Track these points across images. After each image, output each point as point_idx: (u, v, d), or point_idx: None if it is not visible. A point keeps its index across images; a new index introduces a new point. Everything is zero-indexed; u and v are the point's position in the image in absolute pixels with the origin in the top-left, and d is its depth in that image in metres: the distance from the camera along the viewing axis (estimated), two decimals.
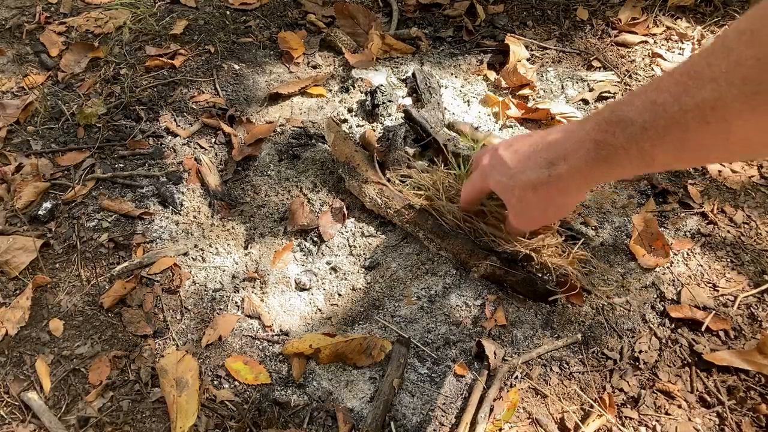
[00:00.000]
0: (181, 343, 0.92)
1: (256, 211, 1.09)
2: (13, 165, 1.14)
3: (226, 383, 0.87)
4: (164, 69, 1.34)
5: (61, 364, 0.89)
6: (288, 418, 0.83)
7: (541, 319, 0.93)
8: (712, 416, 0.81)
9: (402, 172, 1.03)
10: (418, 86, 1.23)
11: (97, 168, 1.15)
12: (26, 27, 1.45)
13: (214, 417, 0.83)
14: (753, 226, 1.02)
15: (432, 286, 0.97)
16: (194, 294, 0.97)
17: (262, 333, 0.93)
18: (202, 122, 1.24)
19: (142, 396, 0.86)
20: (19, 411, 0.84)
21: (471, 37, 1.42)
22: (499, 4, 1.49)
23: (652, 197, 1.07)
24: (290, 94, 1.29)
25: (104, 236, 1.03)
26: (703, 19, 1.41)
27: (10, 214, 1.07)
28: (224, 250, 1.03)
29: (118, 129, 1.22)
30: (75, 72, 1.35)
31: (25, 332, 0.93)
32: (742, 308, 0.92)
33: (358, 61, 1.34)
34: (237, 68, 1.35)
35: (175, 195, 1.10)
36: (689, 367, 0.86)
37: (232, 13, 1.49)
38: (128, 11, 1.48)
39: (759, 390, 0.82)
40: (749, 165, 1.11)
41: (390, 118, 1.21)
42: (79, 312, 0.95)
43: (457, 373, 0.87)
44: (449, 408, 0.84)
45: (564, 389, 0.85)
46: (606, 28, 1.41)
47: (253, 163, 1.17)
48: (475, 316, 0.93)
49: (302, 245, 1.04)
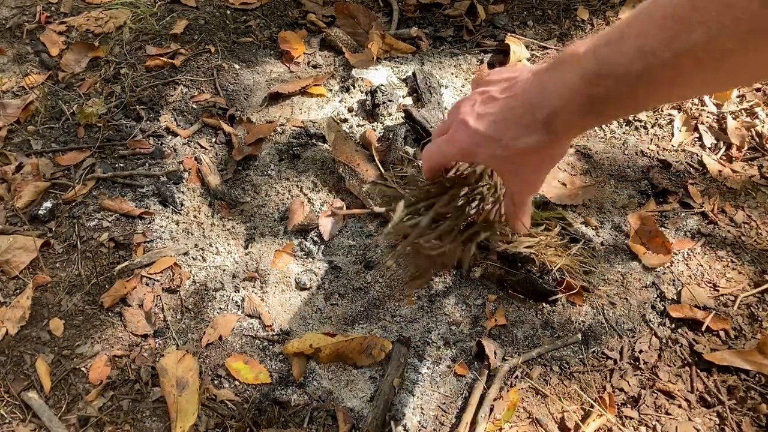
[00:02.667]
0: (181, 343, 0.92)
1: (257, 211, 1.09)
2: (13, 164, 1.14)
3: (226, 383, 0.87)
4: (164, 68, 1.34)
5: (62, 363, 0.89)
6: (288, 417, 0.83)
7: (541, 319, 0.93)
8: (713, 416, 0.81)
9: (402, 171, 1.03)
10: (418, 86, 1.23)
11: (97, 167, 1.15)
12: (27, 26, 1.45)
13: (214, 416, 0.83)
14: (753, 226, 1.02)
15: (432, 286, 0.97)
16: (194, 293, 0.98)
17: (263, 332, 0.93)
18: (203, 122, 1.24)
19: (143, 395, 0.86)
20: (19, 410, 0.84)
21: (471, 37, 1.42)
22: (500, 4, 1.49)
23: (652, 197, 1.07)
24: (290, 93, 1.29)
25: (104, 236, 1.03)
26: None
27: (11, 213, 1.07)
28: (224, 250, 1.03)
29: (118, 128, 1.22)
30: (75, 71, 1.35)
31: (25, 331, 0.93)
32: (742, 308, 0.92)
33: (359, 60, 1.34)
34: (237, 68, 1.35)
35: (176, 194, 1.10)
36: (689, 367, 0.86)
37: (233, 13, 1.49)
38: (128, 11, 1.48)
39: (759, 390, 0.82)
40: (749, 165, 1.11)
41: (390, 118, 1.21)
42: (80, 311, 0.95)
43: (458, 373, 0.87)
44: (449, 408, 0.84)
45: (564, 389, 0.85)
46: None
47: (254, 163, 1.17)
48: (475, 315, 0.93)
49: (302, 245, 1.04)
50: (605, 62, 0.50)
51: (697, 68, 0.44)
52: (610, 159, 1.14)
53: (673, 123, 1.19)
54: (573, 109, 0.54)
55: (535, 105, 0.57)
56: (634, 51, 0.47)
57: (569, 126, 0.56)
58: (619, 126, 1.21)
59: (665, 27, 0.44)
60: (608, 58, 0.50)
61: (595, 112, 0.53)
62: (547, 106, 0.55)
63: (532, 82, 0.57)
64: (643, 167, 1.12)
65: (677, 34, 0.43)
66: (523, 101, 0.58)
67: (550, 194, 1.06)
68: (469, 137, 0.66)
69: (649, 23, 0.46)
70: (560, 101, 0.54)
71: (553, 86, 0.55)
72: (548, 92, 0.55)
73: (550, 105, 0.55)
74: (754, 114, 1.18)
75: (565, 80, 0.53)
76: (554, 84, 0.55)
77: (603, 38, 0.50)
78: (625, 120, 1.21)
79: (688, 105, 1.21)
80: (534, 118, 0.57)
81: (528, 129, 0.58)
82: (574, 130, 0.57)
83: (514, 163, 0.63)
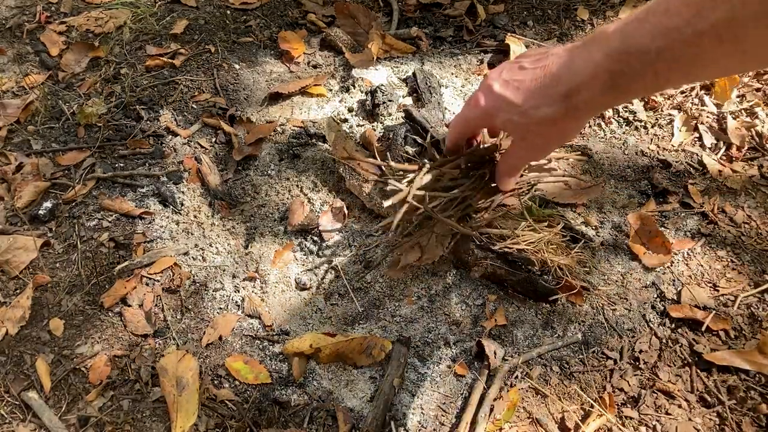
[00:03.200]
0: (181, 343, 0.92)
1: (257, 211, 1.09)
2: (13, 164, 1.14)
3: (226, 383, 0.87)
4: (165, 68, 1.34)
5: (62, 363, 0.89)
6: (288, 417, 0.83)
7: (542, 318, 0.93)
8: (713, 416, 0.81)
9: (402, 169, 1.03)
10: (418, 86, 1.23)
11: (97, 167, 1.15)
12: (27, 26, 1.45)
13: (214, 416, 0.83)
14: (753, 226, 1.02)
15: (432, 286, 0.97)
16: (194, 293, 0.98)
17: (263, 332, 0.93)
18: (203, 122, 1.24)
19: (143, 395, 0.86)
20: (19, 410, 0.84)
21: (471, 37, 1.42)
22: (500, 4, 1.49)
23: (653, 197, 1.07)
24: (290, 93, 1.29)
25: (104, 236, 1.03)
26: None
27: (11, 213, 1.07)
28: (224, 250, 1.03)
29: (118, 128, 1.22)
30: (75, 71, 1.35)
31: (25, 331, 0.93)
32: (742, 308, 0.92)
33: (359, 60, 1.34)
34: (237, 68, 1.35)
35: (176, 194, 1.10)
36: (689, 367, 0.86)
37: (233, 13, 1.49)
38: (129, 11, 1.48)
39: (759, 390, 0.82)
40: (749, 165, 1.11)
41: (390, 118, 1.21)
42: (80, 311, 0.95)
43: (458, 373, 0.87)
44: (449, 408, 0.84)
45: (564, 389, 0.85)
46: None
47: (254, 163, 1.17)
48: (476, 315, 0.93)
49: (302, 245, 1.04)
50: (629, 39, 0.51)
51: (718, 47, 0.45)
52: (610, 159, 1.15)
53: (673, 123, 1.19)
54: (595, 85, 0.55)
55: (560, 77, 0.58)
56: (658, 28, 0.48)
57: (589, 102, 0.57)
58: (619, 126, 1.21)
59: (690, 4, 0.45)
60: (632, 34, 0.51)
61: (615, 88, 0.54)
62: (570, 80, 0.57)
63: (561, 57, 0.59)
64: (643, 167, 1.12)
65: (701, 11, 0.44)
66: (550, 73, 0.59)
67: (551, 193, 1.06)
68: (492, 101, 0.67)
69: (675, 1, 0.46)
70: (583, 77, 0.55)
71: (580, 61, 0.56)
72: (574, 66, 0.57)
73: (574, 80, 0.56)
74: (754, 114, 1.18)
75: (592, 57, 0.55)
76: (581, 60, 0.56)
77: (631, 16, 0.51)
78: (625, 120, 1.21)
79: (688, 105, 1.21)
80: (557, 90, 0.58)
81: (549, 99, 0.59)
82: (593, 107, 0.58)
83: (528, 130, 0.64)
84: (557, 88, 0.58)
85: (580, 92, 0.56)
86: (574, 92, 0.57)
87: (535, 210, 0.97)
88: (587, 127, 1.21)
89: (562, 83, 0.58)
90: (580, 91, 0.56)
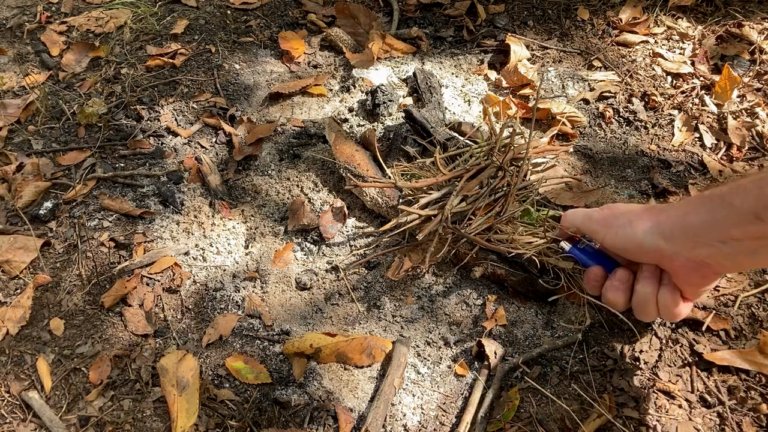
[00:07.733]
0: (181, 343, 0.92)
1: (257, 211, 1.09)
2: (14, 164, 1.14)
3: (226, 383, 0.87)
4: (165, 68, 1.34)
5: (62, 363, 0.89)
6: (288, 417, 0.83)
7: (542, 318, 0.93)
8: (713, 416, 0.81)
9: (403, 168, 1.03)
10: (418, 86, 1.23)
11: (97, 167, 1.15)
12: (27, 26, 1.46)
13: (214, 416, 0.83)
14: None
15: (432, 286, 0.97)
16: (195, 293, 0.98)
17: (263, 332, 0.93)
18: (203, 122, 1.24)
19: (143, 395, 0.86)
20: (19, 410, 0.85)
21: (472, 37, 1.42)
22: (500, 4, 1.49)
23: (653, 197, 1.07)
24: (291, 93, 1.29)
25: (105, 235, 1.03)
26: (703, 18, 1.41)
27: (11, 213, 1.07)
28: (225, 250, 1.03)
29: (118, 128, 1.22)
30: (76, 71, 1.35)
31: (25, 331, 0.93)
32: (742, 308, 0.92)
33: (359, 60, 1.34)
34: (238, 68, 1.36)
35: (176, 194, 1.10)
36: (690, 367, 0.86)
37: (233, 13, 1.49)
38: (129, 11, 1.48)
39: (759, 390, 0.82)
40: (750, 165, 1.11)
41: (391, 118, 1.21)
42: (80, 311, 0.95)
43: (458, 373, 0.87)
44: (449, 408, 0.84)
45: (564, 389, 0.85)
46: (607, 28, 1.41)
47: (254, 163, 1.17)
48: (476, 315, 0.93)
49: (303, 245, 1.04)
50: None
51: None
52: (611, 159, 1.15)
53: (674, 123, 1.19)
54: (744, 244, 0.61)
55: (711, 226, 0.63)
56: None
57: (737, 251, 0.62)
58: (620, 126, 1.21)
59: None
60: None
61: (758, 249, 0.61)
62: (724, 232, 0.62)
63: (705, 208, 0.64)
64: (644, 167, 1.12)
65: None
66: (703, 221, 0.64)
67: (552, 194, 1.06)
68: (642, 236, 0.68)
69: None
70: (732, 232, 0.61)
71: (724, 218, 0.62)
72: (718, 224, 0.62)
73: (726, 234, 0.62)
74: (755, 114, 1.18)
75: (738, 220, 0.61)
76: (726, 219, 0.62)
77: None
78: (626, 120, 1.21)
79: (688, 105, 1.21)
80: (712, 236, 0.63)
81: (705, 242, 0.64)
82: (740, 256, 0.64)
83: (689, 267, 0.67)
84: (710, 234, 0.64)
85: (726, 243, 0.62)
86: (726, 239, 0.62)
87: (532, 213, 0.97)
88: (587, 128, 1.21)
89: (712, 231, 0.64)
90: (726, 242, 0.62)
